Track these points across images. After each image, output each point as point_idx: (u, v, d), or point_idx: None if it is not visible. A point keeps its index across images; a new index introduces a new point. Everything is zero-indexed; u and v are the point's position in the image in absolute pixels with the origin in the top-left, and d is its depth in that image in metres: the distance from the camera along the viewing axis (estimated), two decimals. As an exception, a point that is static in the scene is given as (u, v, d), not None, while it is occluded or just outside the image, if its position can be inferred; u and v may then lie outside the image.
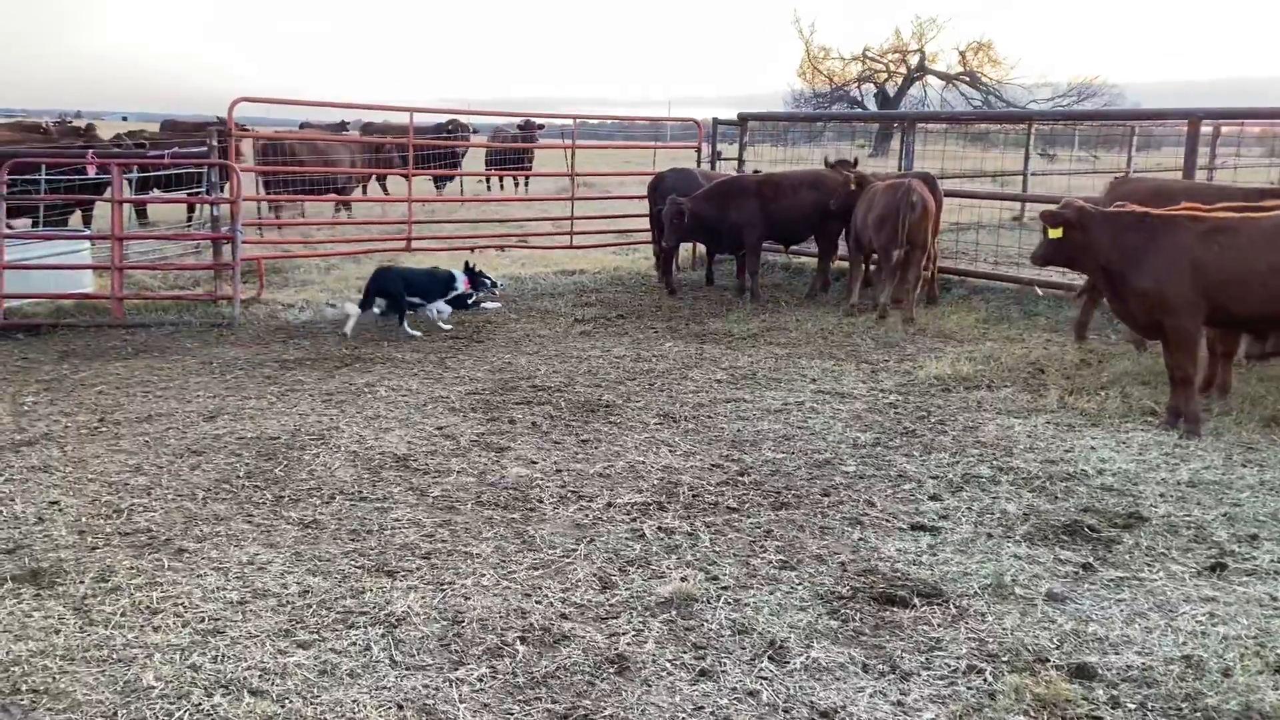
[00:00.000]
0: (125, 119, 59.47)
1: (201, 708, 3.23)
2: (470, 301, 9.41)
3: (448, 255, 12.58)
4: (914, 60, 44.17)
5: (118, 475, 5.26)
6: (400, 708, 3.28)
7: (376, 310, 8.82)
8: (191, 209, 14.65)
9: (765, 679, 3.50)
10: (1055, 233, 6.24)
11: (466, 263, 9.68)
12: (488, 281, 9.61)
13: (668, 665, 3.57)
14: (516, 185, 23.37)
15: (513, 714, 3.28)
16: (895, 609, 3.99)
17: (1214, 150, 15.29)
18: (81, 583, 4.05)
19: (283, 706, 3.25)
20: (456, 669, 3.51)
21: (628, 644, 3.69)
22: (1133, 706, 3.34)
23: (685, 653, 3.65)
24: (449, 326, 9.06)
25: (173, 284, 10.80)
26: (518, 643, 3.69)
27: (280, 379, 7.28)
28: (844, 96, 44.66)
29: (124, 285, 9.54)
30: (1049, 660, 3.61)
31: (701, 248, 12.20)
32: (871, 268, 10.30)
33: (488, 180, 23.87)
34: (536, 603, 3.99)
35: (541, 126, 22.74)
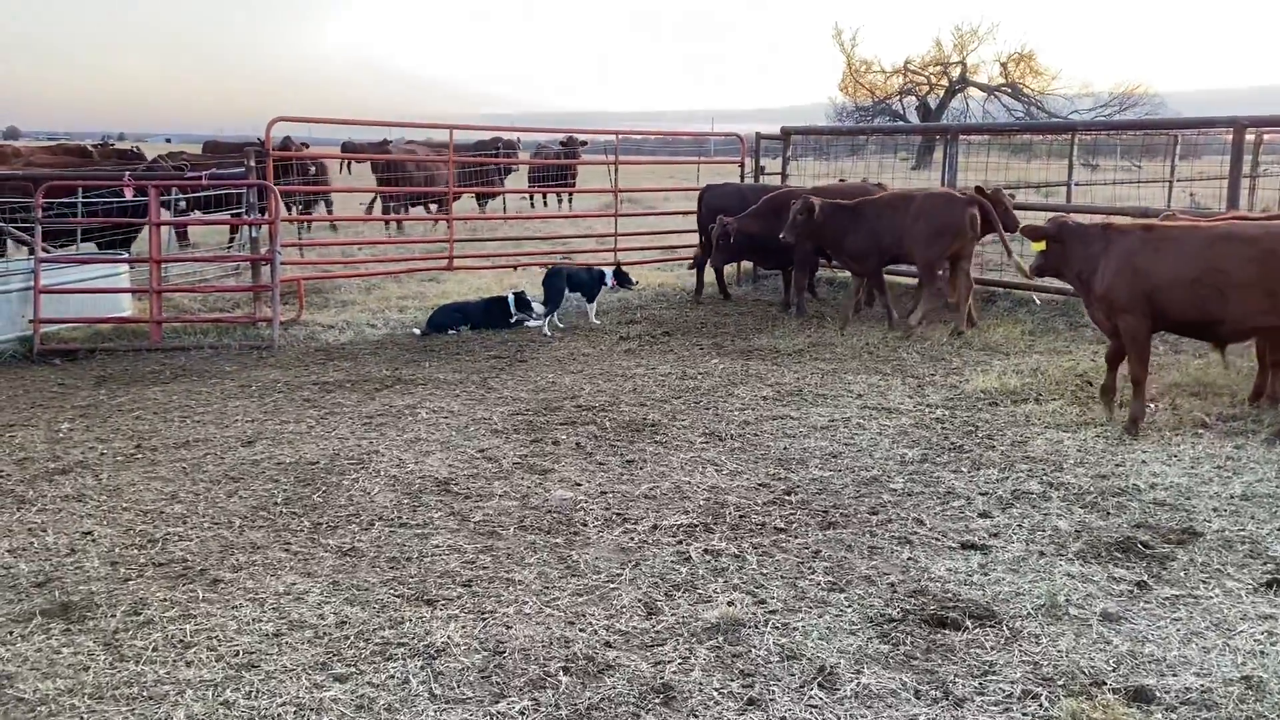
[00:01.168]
0: (169, 140, 60.59)
1: (232, 747, 3.10)
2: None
3: (492, 274, 12.53)
4: (955, 72, 43.72)
5: (153, 503, 5.18)
6: (438, 745, 3.13)
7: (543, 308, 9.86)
8: (233, 230, 14.75)
9: (815, 707, 3.32)
10: (1038, 246, 6.62)
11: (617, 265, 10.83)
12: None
13: (715, 694, 3.40)
14: (560, 202, 23.37)
15: (556, 752, 3.12)
16: (947, 631, 3.81)
17: (1256, 158, 14.90)
18: (113, 616, 3.95)
19: (316, 745, 3.11)
20: (498, 702, 3.36)
21: (674, 672, 3.53)
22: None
23: (733, 680, 3.48)
24: (598, 321, 10.07)
25: (212, 306, 10.82)
26: (561, 673, 3.53)
27: (319, 402, 7.20)
28: (886, 109, 44.29)
29: (163, 308, 9.56)
30: (1105, 683, 3.43)
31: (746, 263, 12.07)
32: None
33: (530, 197, 23.88)
34: (580, 630, 3.83)
35: (584, 143, 22.73)
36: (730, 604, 4.00)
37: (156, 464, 5.80)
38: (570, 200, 22.88)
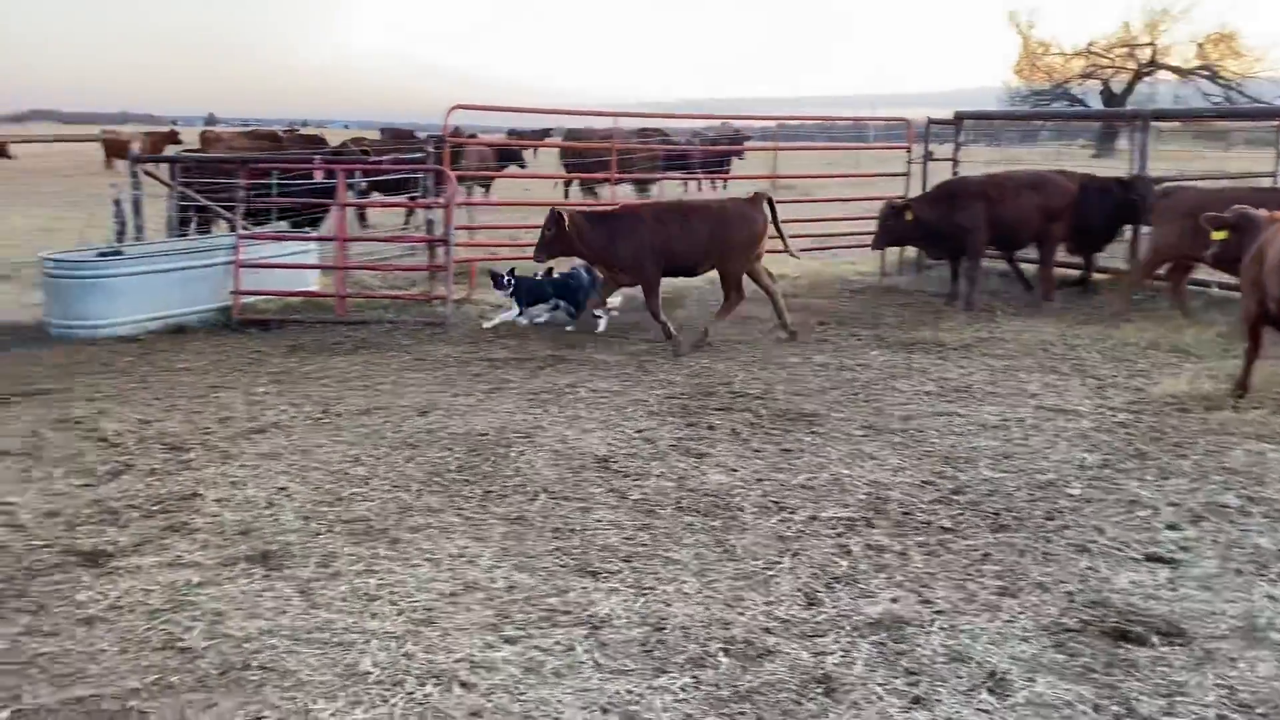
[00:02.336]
0: (346, 127, 63.55)
1: (414, 696, 3.31)
2: None
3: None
4: (1144, 54, 41.32)
5: (339, 465, 5.52)
6: (604, 711, 3.26)
7: None
8: (409, 212, 15.41)
9: (985, 711, 3.28)
10: (1220, 235, 6.76)
11: None
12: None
13: (878, 689, 3.40)
14: (715, 189, 23.39)
15: (716, 728, 3.20)
16: (1130, 646, 3.67)
17: None
18: (306, 566, 4.26)
19: (490, 701, 3.30)
20: (659, 676, 3.47)
21: (835, 664, 3.55)
22: None
23: (896, 677, 3.48)
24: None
25: (391, 284, 11.35)
26: (721, 654, 3.61)
27: (487, 377, 7.49)
28: (1064, 93, 42.24)
29: (346, 284, 10.10)
30: (1313, 717, 3.22)
31: (910, 251, 11.81)
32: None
33: (686, 185, 24.00)
34: (739, 614, 3.90)
35: (748, 136, 22.68)
36: (894, 600, 3.99)
37: (341, 429, 6.17)
38: (725, 187, 22.85)
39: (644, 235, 8.56)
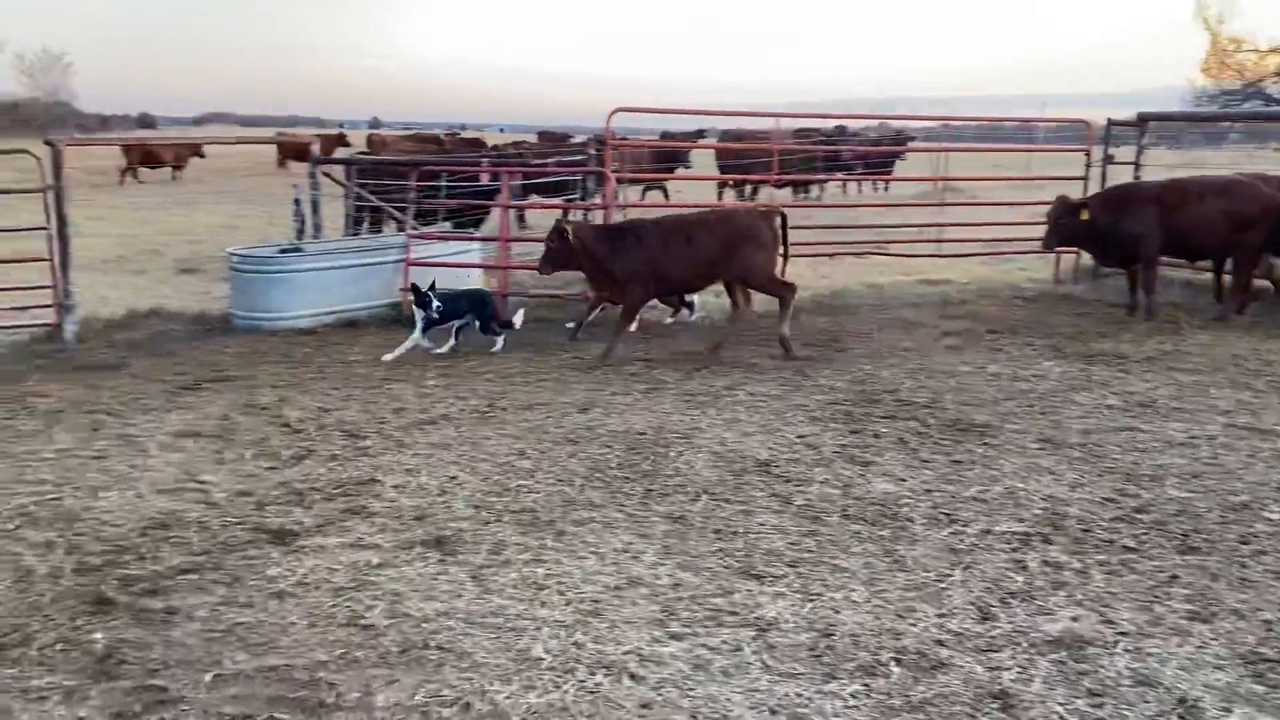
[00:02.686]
0: (502, 130, 65.34)
1: (585, 685, 3.36)
2: None
3: (806, 262, 12.54)
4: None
5: (505, 457, 5.65)
6: (773, 713, 3.23)
7: None
8: (565, 214, 15.67)
9: (1175, 740, 3.10)
10: None
11: None
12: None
13: (1059, 709, 3.26)
14: (875, 189, 22.98)
15: (889, 738, 3.13)
16: (1339, 682, 3.40)
17: None
18: (477, 553, 4.38)
19: (659, 694, 3.31)
20: (829, 682, 3.41)
21: (1012, 680, 3.42)
22: None
23: (1078, 697, 3.32)
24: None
25: (549, 283, 11.55)
26: (892, 663, 3.52)
27: (644, 377, 7.54)
28: (1258, 93, 39.48)
29: (507, 284, 10.34)
30: None
31: (1087, 257, 11.28)
32: None
33: (844, 185, 23.66)
34: (910, 625, 3.80)
35: (911, 137, 22.18)
36: (1074, 619, 3.82)
37: (506, 422, 6.33)
38: (886, 188, 22.40)
39: (644, 255, 8.11)
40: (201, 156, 32.23)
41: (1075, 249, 10.90)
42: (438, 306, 8.34)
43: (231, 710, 3.24)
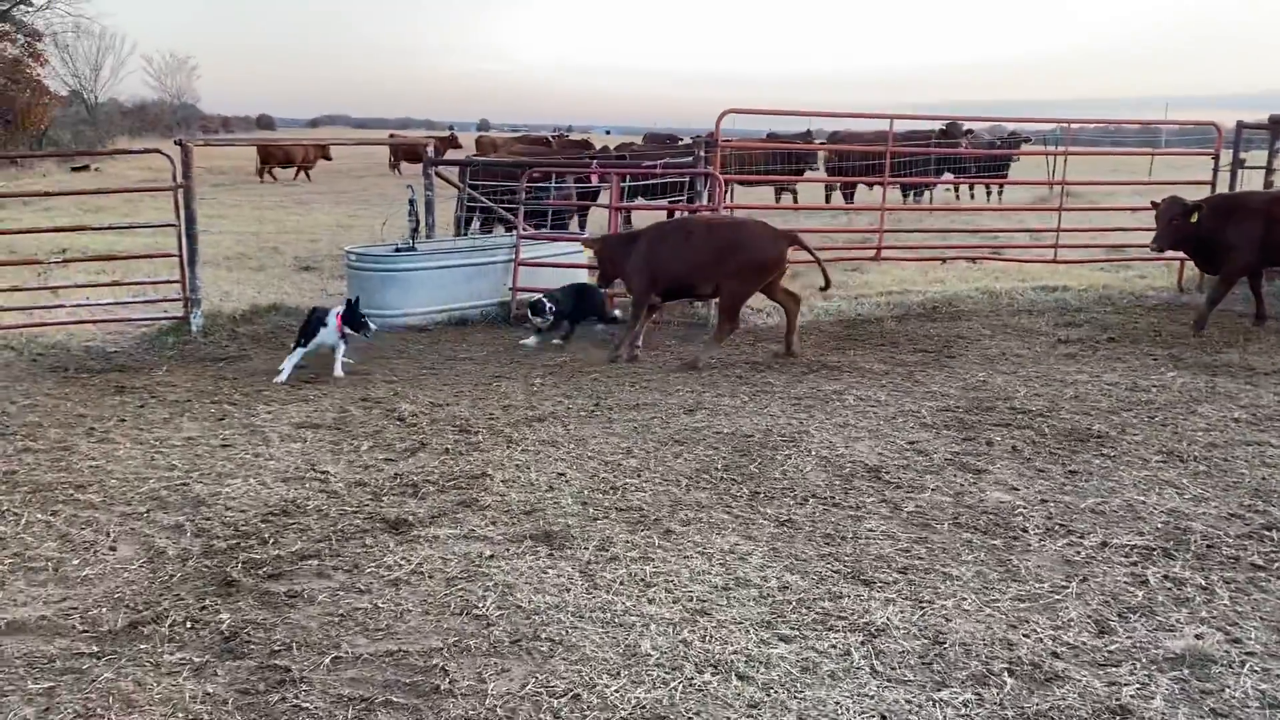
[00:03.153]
0: (608, 132, 65.84)
1: (694, 682, 3.38)
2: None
3: (916, 267, 12.37)
4: None
5: (612, 455, 5.72)
6: (882, 718, 3.20)
7: None
8: (670, 215, 15.72)
9: (1305, 765, 2.98)
10: None
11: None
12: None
13: (1181, 728, 3.16)
14: (989, 194, 22.45)
15: (1002, 750, 3.07)
16: None
17: None
18: (586, 549, 4.44)
19: (768, 695, 3.31)
20: (940, 690, 3.36)
21: (1131, 696, 3.33)
22: None
23: (1202, 717, 3.23)
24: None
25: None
26: (1005, 674, 3.46)
27: (751, 380, 7.53)
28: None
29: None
30: None
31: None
32: None
33: (956, 189, 23.17)
34: (1024, 636, 3.72)
35: (1026, 139, 21.62)
36: (1198, 637, 3.69)
37: (613, 421, 6.40)
38: (1000, 192, 21.85)
39: (642, 255, 8.17)
40: (329, 158, 33.43)
41: (1183, 254, 10.45)
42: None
43: (349, 692, 3.36)
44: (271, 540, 4.55)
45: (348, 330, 7.72)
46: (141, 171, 26.84)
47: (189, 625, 3.80)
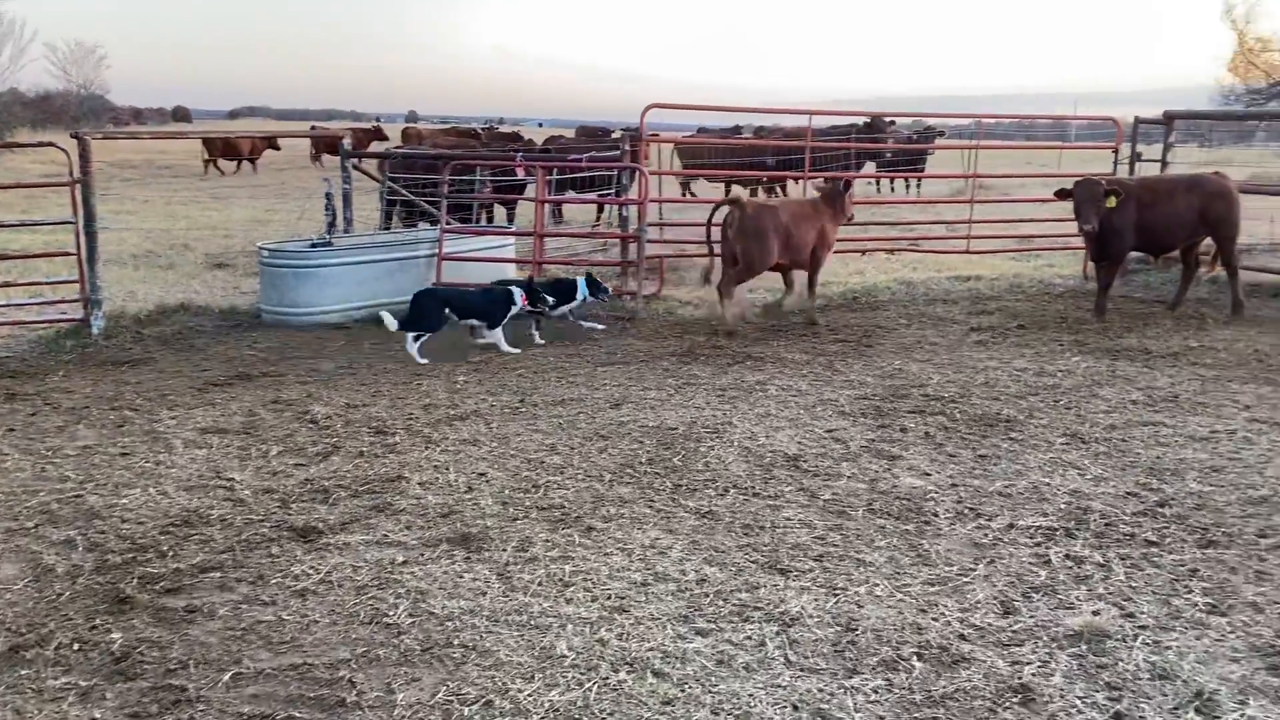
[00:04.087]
0: (541, 125, 65.46)
1: (609, 682, 3.40)
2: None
3: (838, 259, 12.52)
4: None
5: (535, 453, 5.70)
6: (795, 709, 3.25)
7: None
8: (600, 209, 15.73)
9: (1192, 732, 3.11)
10: None
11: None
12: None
13: (1077, 703, 3.27)
14: (908, 187, 22.85)
15: (909, 734, 3.15)
16: (1352, 674, 3.41)
17: None
18: (504, 550, 4.42)
19: (682, 691, 3.34)
20: (851, 677, 3.43)
21: (1033, 674, 3.43)
22: None
23: (1097, 691, 3.34)
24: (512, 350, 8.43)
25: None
26: (914, 658, 3.54)
27: (677, 372, 7.57)
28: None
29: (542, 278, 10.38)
30: None
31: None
32: None
33: (877, 182, 23.53)
34: (933, 620, 3.82)
35: (942, 133, 22.02)
36: (1095, 613, 3.82)
37: (537, 418, 6.38)
38: (918, 186, 22.26)
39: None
40: (277, 149, 32.70)
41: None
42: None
43: (250, 710, 3.26)
44: (170, 553, 4.40)
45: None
46: (44, 165, 25.89)
47: (76, 647, 3.63)
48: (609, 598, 3.99)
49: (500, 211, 15.14)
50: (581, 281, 9.13)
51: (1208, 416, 6.34)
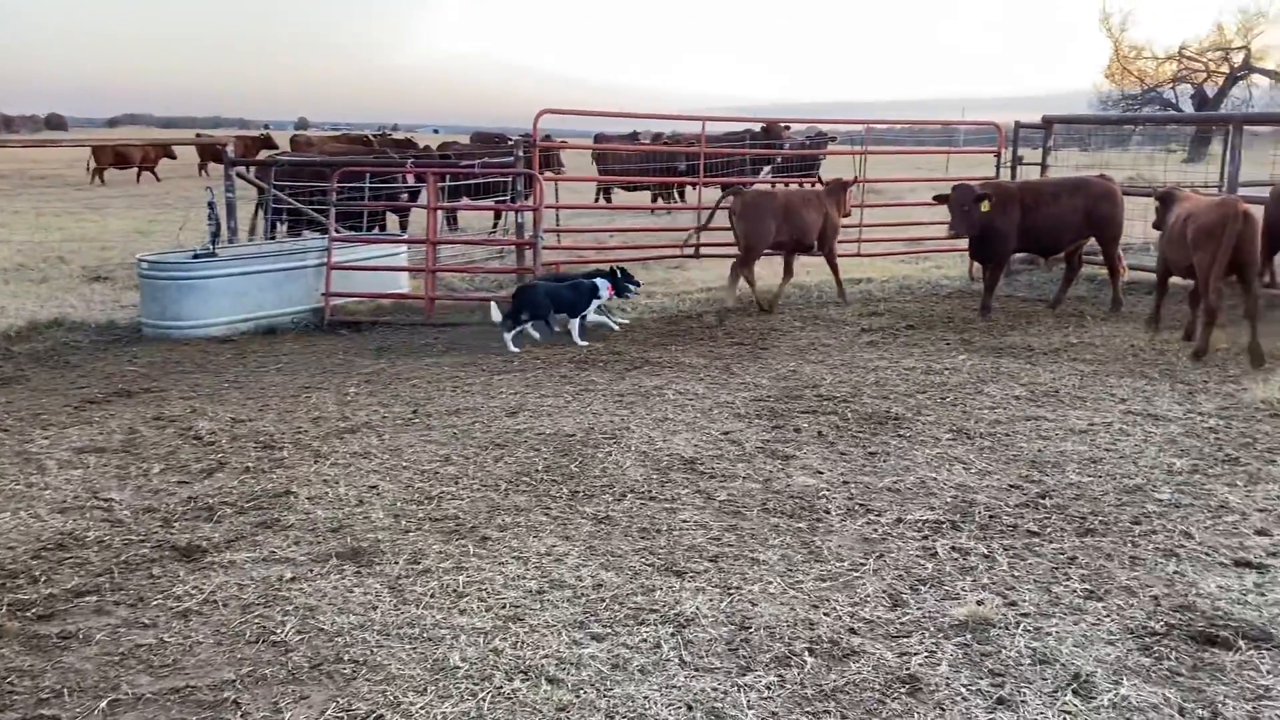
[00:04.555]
0: (436, 131, 64.69)
1: (503, 691, 3.36)
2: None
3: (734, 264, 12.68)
4: (1238, 58, 39.92)
5: (429, 464, 5.62)
6: (689, 708, 3.27)
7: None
8: (498, 215, 15.59)
9: (1069, 713, 3.23)
10: None
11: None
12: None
13: (962, 690, 3.36)
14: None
15: (801, 728, 3.19)
16: (1216, 650, 3.60)
17: None
18: (396, 563, 4.34)
19: (577, 696, 3.33)
20: (744, 674, 3.46)
21: (920, 664, 3.52)
22: None
23: (981, 679, 3.43)
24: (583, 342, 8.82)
25: (479, 286, 11.53)
26: (806, 653, 3.59)
27: (575, 379, 7.55)
28: (1156, 98, 41.14)
29: (436, 287, 10.26)
30: None
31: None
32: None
33: (773, 187, 23.87)
34: (825, 615, 3.88)
35: (834, 138, 22.50)
36: (979, 603, 3.93)
37: (431, 428, 6.29)
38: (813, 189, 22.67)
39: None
40: (173, 157, 31.56)
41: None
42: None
43: (129, 736, 3.14)
44: (43, 578, 4.20)
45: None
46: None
47: (-60, 681, 3.44)
48: (503, 607, 3.94)
49: (393, 219, 14.92)
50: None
51: (1086, 410, 6.59)
